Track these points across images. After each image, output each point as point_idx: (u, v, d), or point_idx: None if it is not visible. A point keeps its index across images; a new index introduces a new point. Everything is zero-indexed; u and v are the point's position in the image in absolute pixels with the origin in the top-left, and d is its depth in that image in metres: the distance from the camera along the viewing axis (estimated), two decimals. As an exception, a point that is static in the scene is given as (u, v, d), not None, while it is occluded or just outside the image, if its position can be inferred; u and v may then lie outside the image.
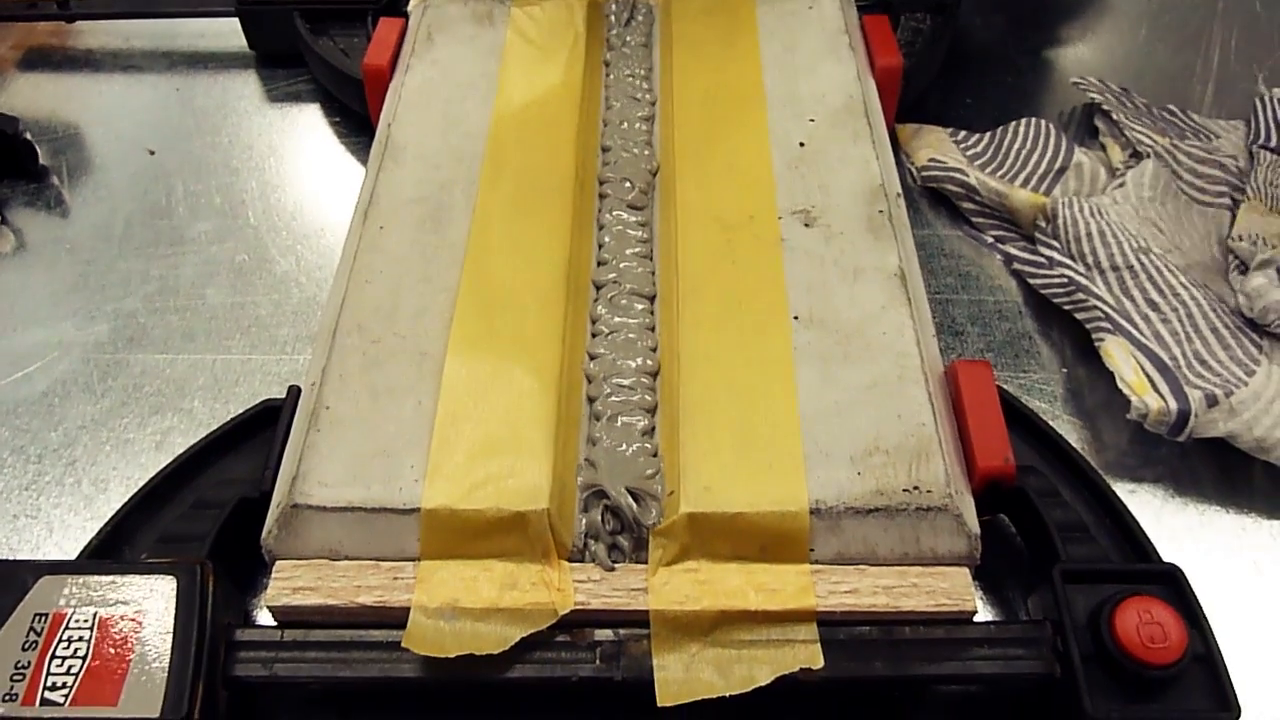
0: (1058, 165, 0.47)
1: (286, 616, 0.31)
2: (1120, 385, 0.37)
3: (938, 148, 0.49)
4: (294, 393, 0.36)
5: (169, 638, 0.30)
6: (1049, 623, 0.30)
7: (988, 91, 0.54)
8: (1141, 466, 0.38)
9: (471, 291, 0.37)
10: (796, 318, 0.36)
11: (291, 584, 0.31)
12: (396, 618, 0.30)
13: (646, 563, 0.31)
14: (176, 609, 0.30)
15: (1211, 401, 0.36)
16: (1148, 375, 0.37)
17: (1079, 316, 0.41)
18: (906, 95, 0.49)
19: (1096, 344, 0.40)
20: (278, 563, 0.32)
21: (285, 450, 0.34)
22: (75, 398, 0.41)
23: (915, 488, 0.31)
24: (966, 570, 0.31)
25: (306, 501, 0.31)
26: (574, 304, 0.37)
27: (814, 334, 0.36)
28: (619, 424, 0.34)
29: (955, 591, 0.31)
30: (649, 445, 0.34)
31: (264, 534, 0.32)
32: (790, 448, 0.32)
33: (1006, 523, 0.36)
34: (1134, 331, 0.39)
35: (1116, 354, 0.38)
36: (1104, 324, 0.39)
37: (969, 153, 0.49)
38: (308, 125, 0.53)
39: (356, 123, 0.52)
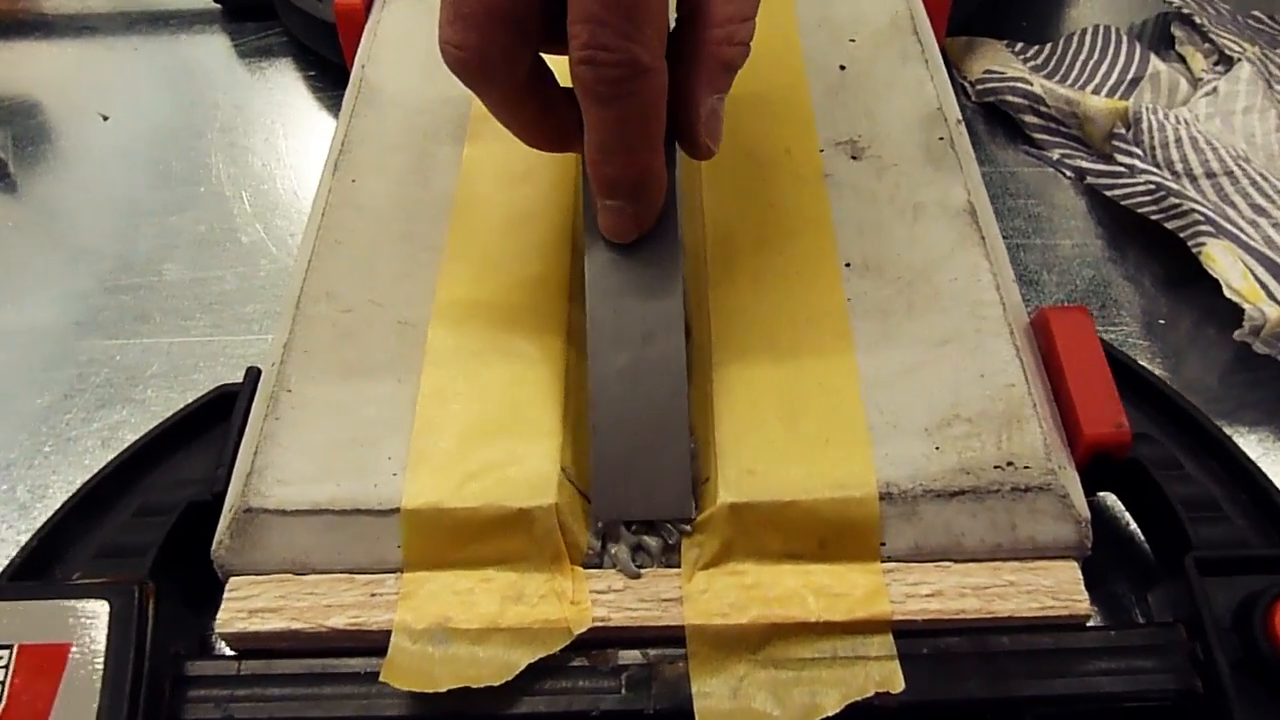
0: (1131, 75, 0.42)
1: (244, 644, 0.26)
2: (1228, 293, 0.32)
3: (994, 59, 0.43)
4: (253, 375, 0.31)
5: (100, 674, 0.25)
6: (1182, 625, 0.25)
7: (1044, 10, 0.48)
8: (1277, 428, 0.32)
9: (460, 249, 0.32)
10: (848, 265, 0.31)
11: (248, 605, 0.26)
12: (376, 642, 0.25)
13: (679, 566, 0.26)
14: (109, 639, 0.25)
15: None
16: (1259, 280, 0.32)
17: (1171, 225, 0.36)
18: (956, 15, 0.43)
19: (1195, 250, 0.34)
20: (231, 580, 0.27)
21: (241, 443, 0.28)
22: (11, 392, 0.36)
23: (1008, 463, 0.26)
24: (1075, 563, 0.26)
25: (263, 504, 0.26)
26: (580, 261, 0.32)
27: (870, 283, 0.30)
28: (640, 398, 0.29)
29: (1063, 590, 0.26)
30: (677, 423, 0.28)
31: (214, 545, 0.27)
32: (851, 419, 0.27)
33: (1109, 504, 0.30)
34: (1240, 235, 0.33)
35: (1221, 258, 0.33)
36: (1204, 227, 0.34)
37: (1029, 65, 0.43)
38: (279, 81, 0.48)
39: (334, 76, 0.48)
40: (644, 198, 0.26)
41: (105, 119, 0.47)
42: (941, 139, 0.34)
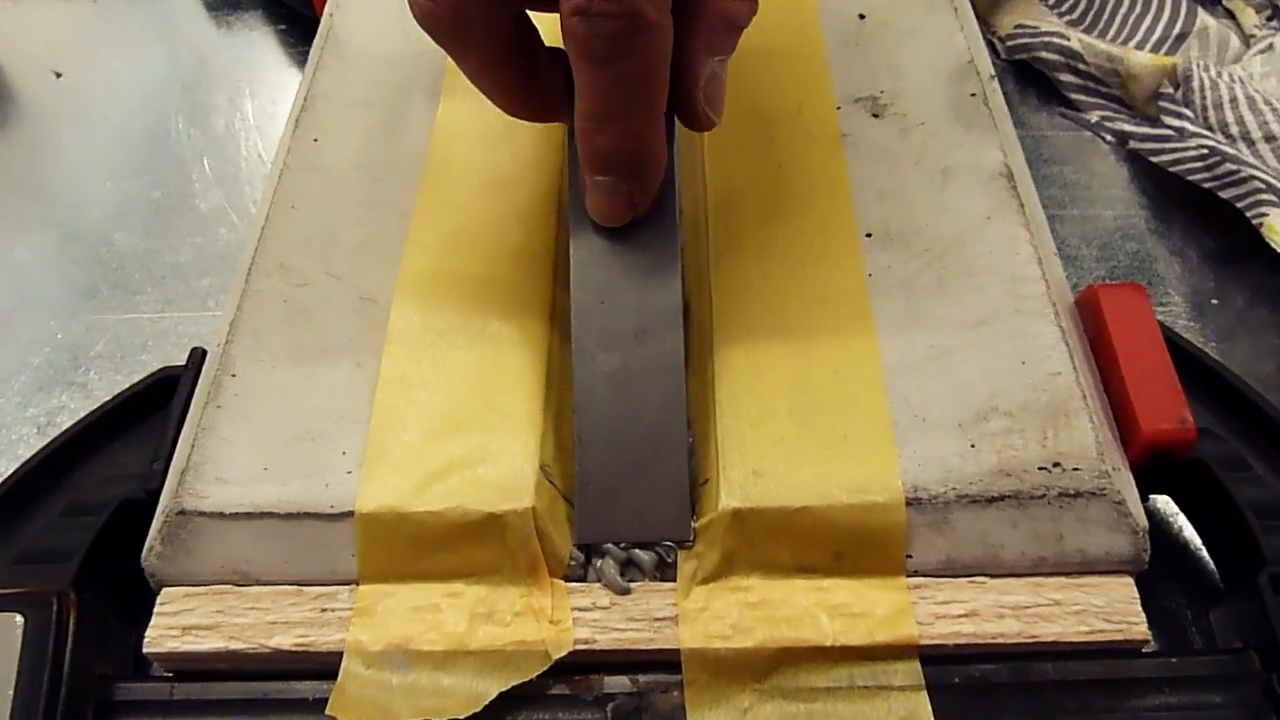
0: (1176, 30, 0.39)
1: (177, 665, 0.23)
2: None
3: (1026, 13, 0.40)
4: (197, 356, 0.28)
5: (10, 698, 0.22)
6: (1254, 652, 0.22)
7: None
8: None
9: (431, 216, 0.29)
10: (869, 235, 0.27)
11: (180, 621, 0.23)
12: (327, 664, 0.23)
13: (674, 580, 0.23)
14: (22, 658, 0.23)
15: None
16: None
17: (1226, 194, 0.33)
18: (984, -37, 0.40)
19: (1256, 221, 0.32)
20: (164, 591, 0.24)
21: (180, 435, 0.25)
22: (-59, 374, 0.33)
23: (1055, 464, 0.23)
24: (1130, 580, 0.23)
25: (198, 506, 0.23)
26: (566, 232, 0.28)
27: (894, 256, 0.27)
28: (631, 387, 0.25)
29: (1116, 611, 0.23)
30: (673, 414, 0.25)
31: (144, 551, 0.23)
32: (872, 412, 0.24)
33: (1158, 506, 0.27)
34: None
35: None
36: (1265, 196, 0.31)
37: (1065, 19, 0.40)
38: (246, 35, 0.45)
39: (305, 29, 0.44)
40: (640, 174, 0.23)
41: (58, 76, 0.43)
42: (973, 95, 0.30)
